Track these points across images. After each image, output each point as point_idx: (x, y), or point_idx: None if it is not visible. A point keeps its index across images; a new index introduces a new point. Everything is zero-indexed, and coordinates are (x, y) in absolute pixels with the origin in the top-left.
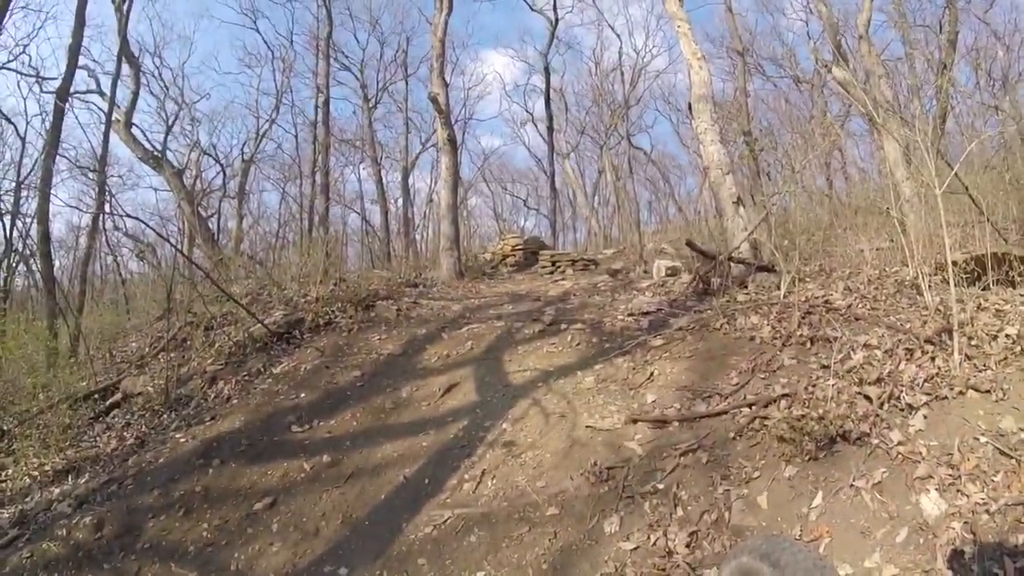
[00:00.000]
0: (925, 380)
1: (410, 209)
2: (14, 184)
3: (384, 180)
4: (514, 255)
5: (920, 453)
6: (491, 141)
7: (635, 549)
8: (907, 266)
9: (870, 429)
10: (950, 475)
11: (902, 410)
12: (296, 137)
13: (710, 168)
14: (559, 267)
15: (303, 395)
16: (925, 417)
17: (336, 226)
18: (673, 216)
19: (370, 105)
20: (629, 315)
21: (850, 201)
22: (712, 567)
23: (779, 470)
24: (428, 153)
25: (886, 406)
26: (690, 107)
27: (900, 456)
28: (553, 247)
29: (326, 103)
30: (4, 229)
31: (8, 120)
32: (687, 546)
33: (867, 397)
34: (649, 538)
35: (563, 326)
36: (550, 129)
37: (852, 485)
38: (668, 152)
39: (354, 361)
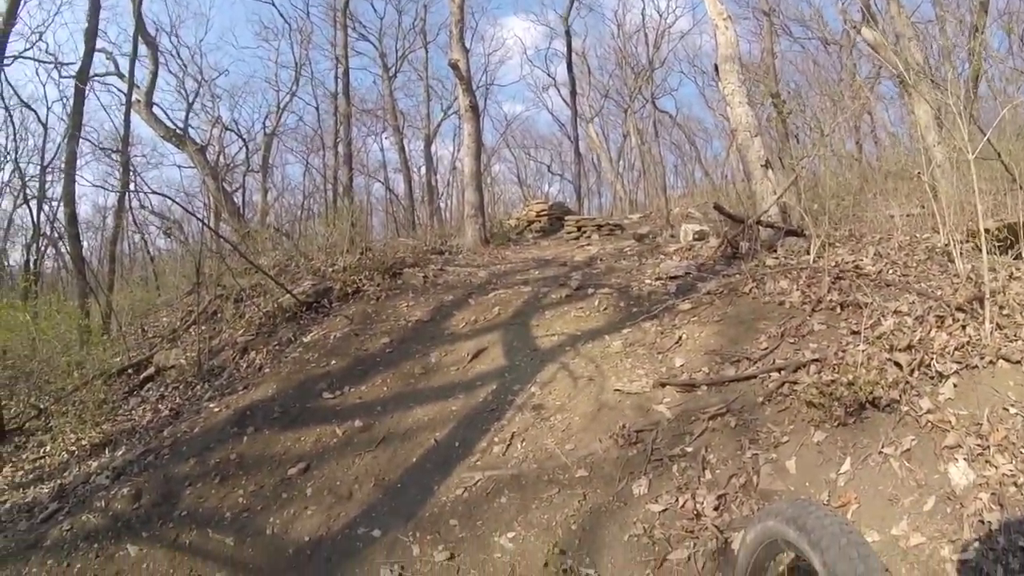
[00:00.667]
0: (956, 348)
1: (433, 177)
2: (39, 169)
3: (407, 149)
4: (539, 221)
5: (949, 422)
6: (513, 107)
7: (663, 511)
8: (938, 233)
9: (900, 396)
10: (979, 445)
11: (932, 378)
12: (317, 109)
13: (737, 131)
14: (585, 232)
15: (334, 362)
16: (955, 386)
17: (360, 196)
18: (700, 180)
19: (390, 74)
20: (656, 279)
21: (880, 165)
22: (740, 530)
23: (808, 435)
24: (450, 120)
25: (916, 373)
26: (716, 69)
27: (929, 424)
28: (578, 212)
29: (346, 73)
30: (32, 213)
31: (29, 107)
32: (715, 509)
33: (897, 364)
34: (677, 500)
35: (590, 291)
36: (573, 93)
37: (881, 452)
38: (694, 115)
39: (383, 328)
